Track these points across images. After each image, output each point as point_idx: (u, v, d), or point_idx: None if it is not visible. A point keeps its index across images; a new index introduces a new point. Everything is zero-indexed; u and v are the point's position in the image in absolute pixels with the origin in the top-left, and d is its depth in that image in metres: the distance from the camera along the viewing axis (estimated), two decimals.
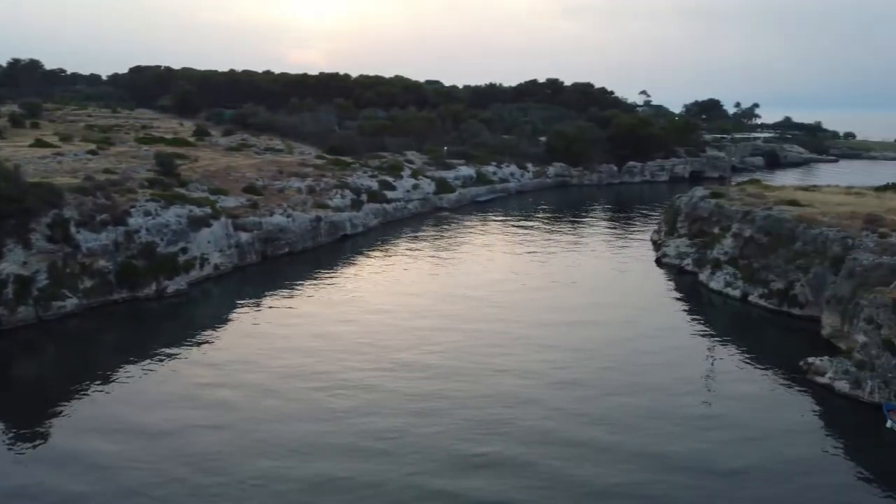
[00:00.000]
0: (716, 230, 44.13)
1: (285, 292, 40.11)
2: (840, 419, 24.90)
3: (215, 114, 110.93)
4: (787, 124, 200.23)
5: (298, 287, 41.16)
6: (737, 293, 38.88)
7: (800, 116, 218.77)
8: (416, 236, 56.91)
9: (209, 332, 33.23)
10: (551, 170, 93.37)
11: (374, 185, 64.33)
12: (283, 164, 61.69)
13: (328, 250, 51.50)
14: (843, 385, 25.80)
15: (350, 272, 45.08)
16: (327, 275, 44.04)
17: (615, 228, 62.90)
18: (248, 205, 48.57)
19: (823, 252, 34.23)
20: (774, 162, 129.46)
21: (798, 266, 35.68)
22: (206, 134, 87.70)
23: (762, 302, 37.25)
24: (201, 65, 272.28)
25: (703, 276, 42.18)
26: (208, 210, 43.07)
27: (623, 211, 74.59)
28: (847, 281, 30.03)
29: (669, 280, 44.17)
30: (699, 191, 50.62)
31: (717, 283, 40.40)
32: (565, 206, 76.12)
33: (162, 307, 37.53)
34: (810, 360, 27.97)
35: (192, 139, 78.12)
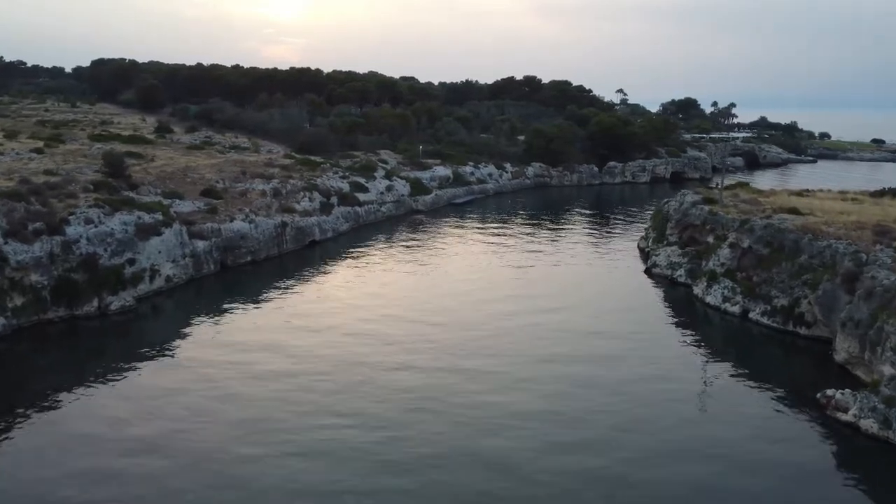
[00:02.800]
0: (710, 239, 41.23)
1: (243, 308, 36.37)
2: (868, 464, 21.97)
3: (180, 109, 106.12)
4: (762, 124, 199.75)
5: (258, 302, 37.43)
6: (736, 309, 35.97)
7: (774, 116, 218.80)
8: (389, 243, 53.34)
9: (151, 358, 29.40)
10: (530, 170, 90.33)
11: (346, 186, 60.63)
12: (247, 165, 57.73)
13: (294, 258, 47.74)
14: (870, 424, 22.86)
15: (316, 286, 41.39)
16: (291, 288, 40.34)
17: (599, 234, 59.91)
18: (206, 210, 44.65)
19: (833, 267, 31.39)
20: (754, 162, 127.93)
21: (804, 282, 32.84)
22: (169, 131, 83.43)
23: (764, 319, 34.37)
24: (171, 59, 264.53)
25: (697, 290, 39.24)
26: (159, 216, 39.10)
27: (605, 214, 71.70)
28: (865, 302, 27.16)
29: (661, 293, 41.15)
30: (690, 196, 47.76)
31: (713, 298, 37.47)
32: (546, 209, 73.07)
33: (105, 326, 33.60)
34: (829, 392, 25.03)
35: (151, 136, 73.88)
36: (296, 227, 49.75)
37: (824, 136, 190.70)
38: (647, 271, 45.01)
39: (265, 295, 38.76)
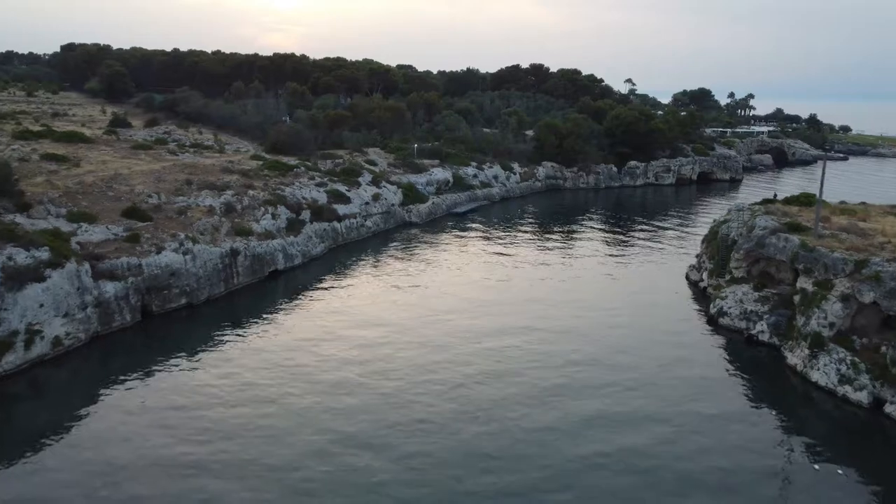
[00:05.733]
0: (807, 285, 30.06)
1: (161, 378, 25.65)
2: None
3: (146, 99, 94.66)
4: (779, 116, 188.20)
5: (186, 366, 26.51)
6: (862, 397, 25.03)
7: (789, 108, 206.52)
8: (373, 270, 42.27)
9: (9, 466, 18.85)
10: (541, 171, 79.08)
11: (322, 197, 49.41)
12: (197, 170, 46.50)
13: (248, 296, 36.77)
14: None
15: (271, 341, 30.34)
16: (237, 345, 29.34)
17: (633, 256, 48.67)
18: (125, 237, 33.50)
19: None
20: (782, 159, 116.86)
21: None
22: (125, 125, 72.33)
23: None
24: (165, 46, 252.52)
25: (794, 359, 28.26)
26: (45, 253, 28.04)
27: (633, 226, 60.33)
28: None
29: (738, 359, 29.95)
30: (763, 219, 36.54)
31: (824, 376, 26.49)
32: (561, 220, 61.89)
33: None
34: None
35: (98, 132, 62.59)
36: (251, 254, 38.75)
37: (844, 129, 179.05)
38: (712, 321, 33.98)
39: (203, 350, 27.99)
